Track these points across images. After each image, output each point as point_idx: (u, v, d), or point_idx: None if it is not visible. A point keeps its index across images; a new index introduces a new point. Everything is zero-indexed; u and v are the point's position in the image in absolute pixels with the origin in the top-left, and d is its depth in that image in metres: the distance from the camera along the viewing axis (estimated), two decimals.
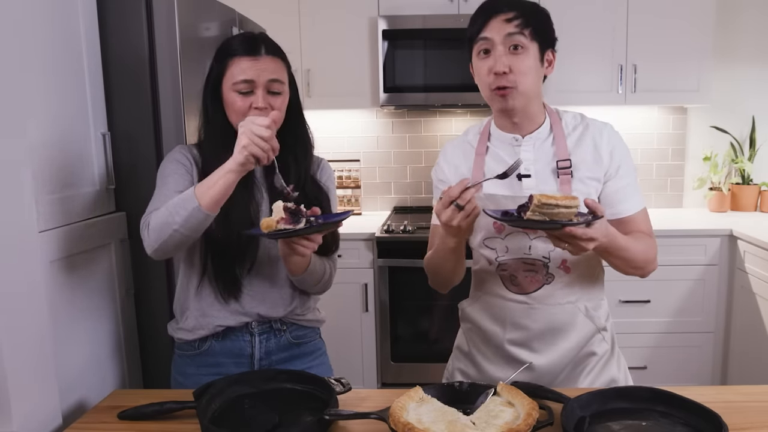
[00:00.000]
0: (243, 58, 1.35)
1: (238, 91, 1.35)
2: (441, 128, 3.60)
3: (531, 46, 1.33)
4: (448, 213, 1.20)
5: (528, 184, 1.37)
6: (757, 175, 3.49)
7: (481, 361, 1.47)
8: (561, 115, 1.44)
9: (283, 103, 1.39)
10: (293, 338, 1.50)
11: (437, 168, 1.50)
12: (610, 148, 1.38)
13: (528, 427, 1.02)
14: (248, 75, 1.34)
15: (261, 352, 1.46)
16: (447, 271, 1.41)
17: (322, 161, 1.55)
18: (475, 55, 1.38)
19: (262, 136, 1.20)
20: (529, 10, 1.34)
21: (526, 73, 1.32)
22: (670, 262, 2.95)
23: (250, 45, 1.37)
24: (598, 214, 1.17)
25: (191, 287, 1.44)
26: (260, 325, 1.45)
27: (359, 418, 1.10)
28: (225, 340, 1.44)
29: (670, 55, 3.13)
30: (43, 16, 1.45)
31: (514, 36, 1.31)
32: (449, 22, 3.07)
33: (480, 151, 1.43)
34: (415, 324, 3.08)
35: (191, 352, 1.46)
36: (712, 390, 1.31)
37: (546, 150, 1.39)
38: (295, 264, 1.37)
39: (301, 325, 1.51)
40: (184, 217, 1.24)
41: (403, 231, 3.01)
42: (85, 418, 1.25)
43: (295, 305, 1.48)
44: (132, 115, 1.74)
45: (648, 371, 3.04)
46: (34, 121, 1.39)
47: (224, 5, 2.12)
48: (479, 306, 1.48)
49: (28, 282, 1.20)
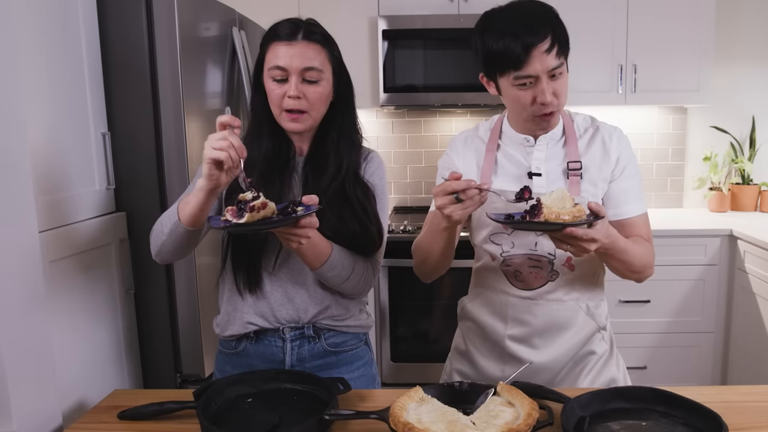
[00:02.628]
0: (279, 43, 1.30)
1: (273, 78, 1.30)
2: (441, 128, 3.60)
3: (564, 66, 1.32)
4: (444, 200, 1.18)
5: (539, 182, 1.38)
6: (757, 175, 3.49)
7: (479, 359, 1.47)
8: (573, 116, 1.45)
9: (319, 94, 1.32)
10: (329, 345, 1.40)
11: (446, 158, 1.48)
12: (618, 151, 1.39)
13: (528, 427, 1.02)
14: (281, 61, 1.29)
15: (293, 359, 1.38)
16: (435, 253, 1.37)
17: (370, 154, 1.44)
18: (508, 83, 1.31)
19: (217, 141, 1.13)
20: (559, 31, 1.30)
21: (565, 92, 1.33)
22: (670, 262, 2.95)
23: (289, 29, 1.31)
24: (600, 215, 1.17)
25: (221, 281, 1.43)
26: (292, 331, 1.38)
27: (359, 418, 1.10)
28: (258, 344, 1.39)
29: (670, 55, 3.13)
30: (43, 16, 1.45)
31: (556, 68, 1.28)
32: (449, 22, 3.07)
33: (491, 148, 1.43)
34: (415, 324, 3.08)
35: (229, 351, 1.43)
36: (712, 390, 1.31)
37: (558, 151, 1.40)
38: (305, 256, 1.29)
39: (339, 330, 1.41)
40: (169, 229, 1.26)
41: (403, 231, 3.00)
42: (85, 418, 1.24)
43: (327, 307, 1.38)
44: (132, 115, 1.74)
45: (648, 371, 3.04)
46: (34, 122, 1.39)
47: (224, 5, 2.12)
48: (480, 302, 1.48)
49: (28, 282, 1.20)
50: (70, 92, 1.55)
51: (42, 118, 1.43)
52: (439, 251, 1.37)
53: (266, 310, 1.37)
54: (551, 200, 1.17)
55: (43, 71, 1.45)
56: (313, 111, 1.33)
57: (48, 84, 1.47)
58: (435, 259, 1.39)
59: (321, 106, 1.34)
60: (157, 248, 1.31)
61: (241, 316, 1.38)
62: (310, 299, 1.37)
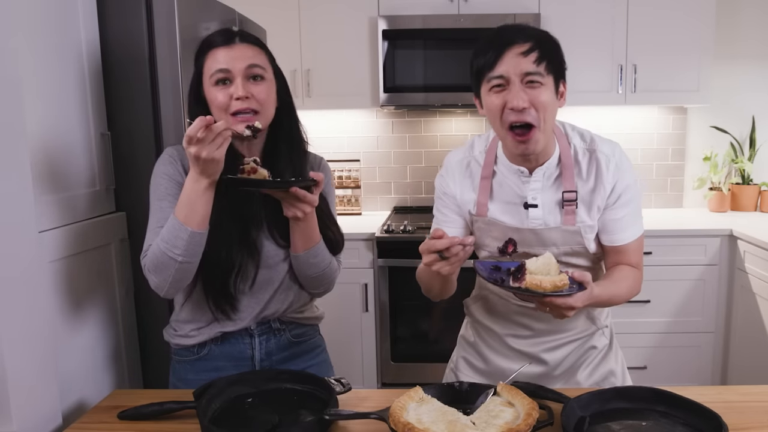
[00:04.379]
0: (217, 49, 1.30)
1: (216, 83, 1.29)
2: (441, 128, 3.60)
3: (547, 80, 1.24)
4: (430, 258, 1.19)
5: (534, 214, 1.36)
6: (757, 175, 3.49)
7: (487, 353, 1.48)
8: (570, 138, 1.38)
9: (267, 91, 1.31)
10: (293, 337, 1.47)
11: (442, 181, 1.46)
12: (614, 180, 1.34)
13: (528, 427, 1.02)
14: (223, 64, 1.28)
15: (261, 353, 1.43)
16: (436, 289, 1.41)
17: (322, 161, 1.50)
18: (485, 90, 1.28)
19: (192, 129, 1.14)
20: (543, 40, 1.25)
21: (546, 107, 1.24)
22: (670, 262, 2.95)
23: (224, 35, 1.31)
24: (584, 286, 1.19)
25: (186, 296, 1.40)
26: (259, 326, 1.43)
27: (359, 418, 1.11)
28: (224, 344, 1.41)
29: (670, 55, 3.13)
30: (43, 16, 1.45)
31: (532, 74, 1.22)
32: (449, 22, 3.07)
33: (486, 175, 1.40)
34: (415, 324, 3.08)
35: (190, 358, 1.43)
36: (712, 390, 1.31)
37: (553, 181, 1.36)
38: (302, 234, 1.32)
39: (300, 323, 1.48)
40: (183, 246, 1.22)
41: (403, 231, 3.00)
42: (85, 418, 1.25)
43: (292, 302, 1.44)
44: (132, 115, 1.74)
45: (648, 371, 3.04)
46: (35, 122, 1.39)
47: (224, 5, 2.12)
48: (482, 305, 1.50)
49: (28, 282, 1.20)
50: (70, 92, 1.55)
51: (42, 118, 1.43)
52: (439, 288, 1.41)
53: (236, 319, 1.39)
54: (537, 266, 1.20)
55: (43, 71, 1.45)
56: (264, 110, 1.31)
57: (48, 84, 1.46)
58: (437, 292, 1.43)
59: (270, 105, 1.33)
60: (170, 280, 1.25)
61: (210, 329, 1.39)
62: (278, 300, 1.42)
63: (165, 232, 1.23)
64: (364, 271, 3.05)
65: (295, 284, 1.43)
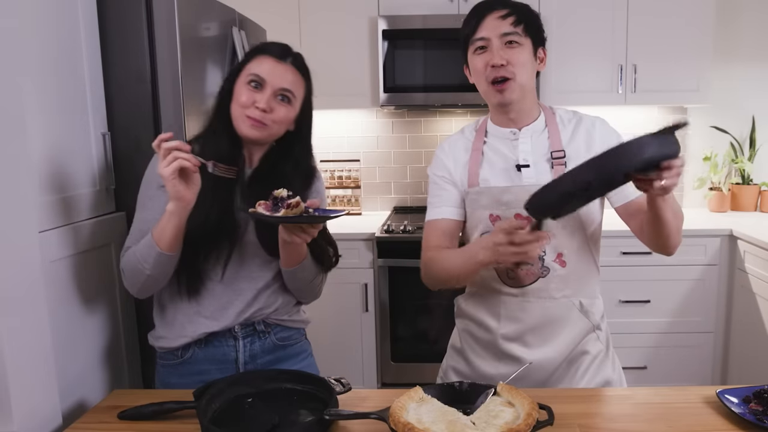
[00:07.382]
0: (268, 57, 1.36)
1: (248, 82, 1.34)
2: (441, 128, 3.60)
3: (525, 41, 1.38)
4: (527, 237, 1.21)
5: (527, 173, 1.40)
6: (757, 175, 3.49)
7: (473, 358, 1.48)
8: (554, 110, 1.49)
9: (285, 114, 1.36)
10: (278, 340, 1.47)
11: (436, 164, 1.52)
12: (603, 138, 1.42)
13: (528, 427, 1.02)
14: (264, 73, 1.33)
15: (246, 356, 1.43)
16: (462, 279, 1.43)
17: (316, 172, 1.51)
18: (471, 54, 1.43)
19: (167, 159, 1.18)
20: (521, 9, 1.40)
21: (523, 64, 1.38)
22: (670, 262, 2.94)
23: (281, 49, 1.37)
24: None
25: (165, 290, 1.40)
26: (243, 329, 1.42)
27: (359, 418, 1.11)
28: (208, 347, 1.41)
29: (670, 55, 3.13)
30: (42, 16, 1.45)
31: (510, 34, 1.37)
32: (449, 22, 3.07)
33: (477, 147, 1.47)
34: (415, 324, 3.08)
35: (174, 361, 1.42)
36: (712, 390, 1.30)
37: (542, 142, 1.43)
38: (291, 254, 1.34)
39: (286, 326, 1.48)
40: (152, 264, 1.28)
41: (403, 231, 3.01)
42: (85, 418, 1.25)
43: (279, 305, 1.45)
44: (132, 115, 1.74)
45: (648, 371, 3.04)
46: (34, 121, 1.39)
47: (224, 5, 2.12)
48: (474, 300, 1.49)
49: (28, 282, 1.20)
50: (70, 92, 1.55)
51: (42, 118, 1.43)
52: (467, 277, 1.43)
53: (216, 311, 1.39)
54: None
55: (43, 71, 1.45)
56: (275, 127, 1.36)
57: (48, 84, 1.46)
58: (459, 282, 1.44)
59: (282, 126, 1.38)
60: (139, 286, 1.34)
61: (190, 325, 1.39)
62: (264, 297, 1.42)
63: (141, 243, 1.30)
64: (364, 271, 3.05)
65: (286, 292, 1.46)
